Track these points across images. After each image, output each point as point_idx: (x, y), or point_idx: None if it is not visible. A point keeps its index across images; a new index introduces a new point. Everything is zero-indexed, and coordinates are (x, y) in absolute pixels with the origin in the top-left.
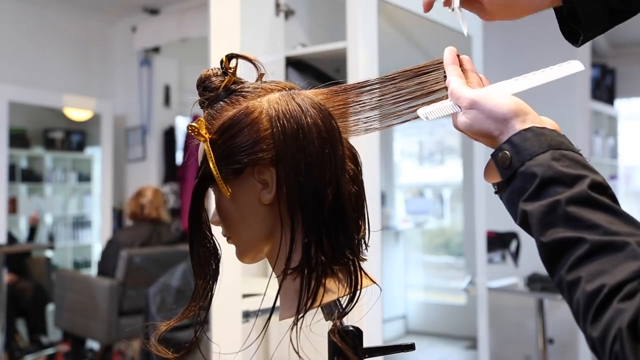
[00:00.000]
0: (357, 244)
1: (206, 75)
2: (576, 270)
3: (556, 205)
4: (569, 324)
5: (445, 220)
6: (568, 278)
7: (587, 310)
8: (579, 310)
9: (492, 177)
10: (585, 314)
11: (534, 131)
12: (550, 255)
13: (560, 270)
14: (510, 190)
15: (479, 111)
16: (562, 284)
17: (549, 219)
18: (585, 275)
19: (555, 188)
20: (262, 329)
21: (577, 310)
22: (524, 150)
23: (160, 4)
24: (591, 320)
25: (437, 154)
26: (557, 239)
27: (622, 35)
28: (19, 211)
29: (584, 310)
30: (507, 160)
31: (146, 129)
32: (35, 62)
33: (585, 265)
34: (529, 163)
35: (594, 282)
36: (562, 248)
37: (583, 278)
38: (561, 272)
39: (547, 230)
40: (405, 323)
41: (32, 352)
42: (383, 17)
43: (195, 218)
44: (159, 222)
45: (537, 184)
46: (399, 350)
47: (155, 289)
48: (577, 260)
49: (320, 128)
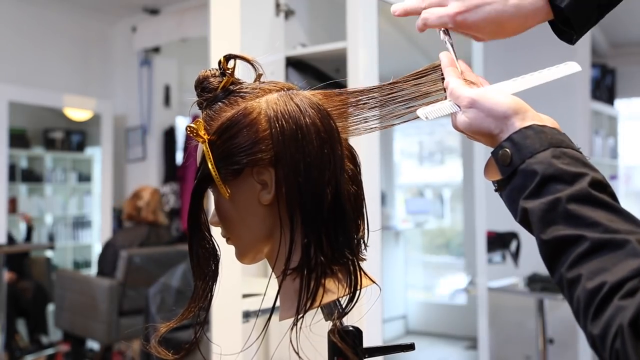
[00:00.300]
0: (356, 243)
1: (204, 76)
2: (577, 268)
3: (557, 202)
4: (569, 324)
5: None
6: (568, 276)
7: (587, 308)
8: (580, 307)
9: (492, 175)
10: (586, 312)
11: (534, 129)
12: (551, 253)
13: (561, 268)
14: (510, 188)
15: (479, 110)
16: (563, 281)
17: (550, 217)
18: (586, 273)
19: (556, 186)
20: (262, 329)
21: (578, 308)
22: (524, 148)
23: (160, 4)
24: (592, 317)
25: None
26: (558, 236)
27: (622, 35)
28: (19, 211)
29: (585, 308)
30: (508, 157)
31: (146, 129)
32: (35, 62)
33: (585, 262)
34: (530, 161)
35: (595, 280)
36: (563, 246)
37: (583, 276)
38: (561, 270)
39: (548, 228)
40: (405, 323)
41: (32, 352)
42: (383, 17)
43: (195, 219)
44: (157, 225)
45: (538, 181)
46: (399, 350)
47: (155, 289)
48: (578, 258)
49: (319, 128)
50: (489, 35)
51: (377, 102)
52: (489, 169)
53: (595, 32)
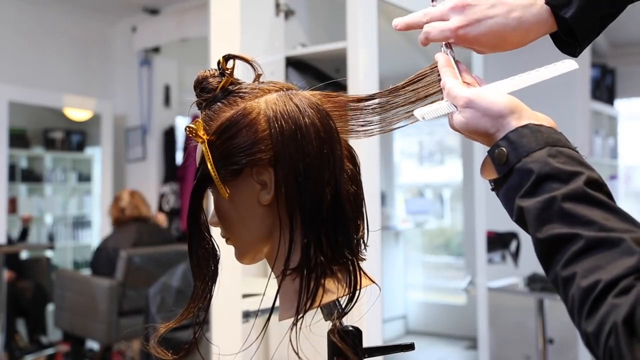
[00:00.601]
0: (356, 243)
1: (203, 76)
2: (571, 266)
3: (552, 201)
4: (569, 324)
5: (445, 220)
6: (563, 274)
7: (582, 306)
8: (574, 306)
9: (488, 174)
10: (580, 310)
11: (530, 128)
12: (546, 252)
13: (556, 267)
14: (506, 186)
15: (475, 109)
16: (558, 280)
17: (545, 215)
18: (581, 271)
19: (552, 184)
20: (262, 329)
21: (572, 306)
22: (520, 146)
23: (160, 4)
24: (586, 315)
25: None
26: (553, 235)
27: (622, 35)
28: (19, 211)
29: (579, 306)
30: (504, 156)
31: (146, 129)
32: (35, 62)
33: (580, 261)
34: (526, 159)
35: (589, 278)
36: (558, 244)
37: (578, 274)
38: (556, 268)
39: (543, 227)
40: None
41: (32, 352)
42: (383, 17)
43: (194, 219)
44: (143, 220)
45: (533, 180)
46: (399, 350)
47: (155, 289)
48: (573, 256)
49: (319, 128)
50: (491, 49)
51: (378, 106)
52: (486, 168)
53: None
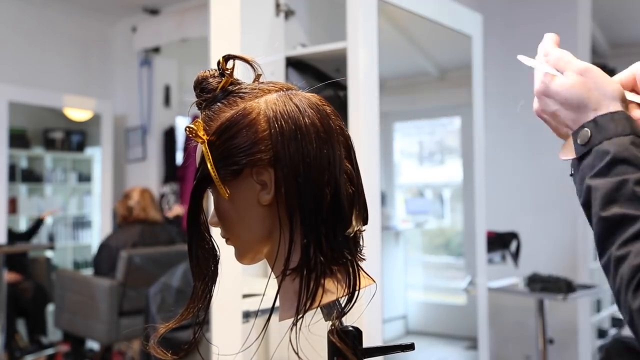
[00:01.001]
0: (355, 243)
1: (203, 76)
2: (628, 246)
3: (624, 183)
4: (569, 324)
5: (445, 220)
6: (618, 253)
7: (629, 282)
8: (622, 284)
9: (566, 154)
10: (628, 286)
11: (623, 114)
12: (606, 231)
13: (611, 247)
14: (582, 167)
15: (589, 79)
16: (610, 260)
17: (613, 196)
18: (635, 250)
19: (626, 168)
20: (262, 329)
21: (620, 285)
22: (606, 130)
23: (160, 4)
24: (633, 291)
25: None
26: (617, 214)
27: (622, 35)
28: (19, 211)
29: (627, 283)
30: (587, 137)
31: (146, 129)
32: (35, 62)
33: (637, 242)
34: (606, 142)
35: None
36: (620, 224)
37: (632, 252)
38: (612, 248)
39: (609, 206)
40: (405, 323)
41: (32, 352)
42: (383, 17)
43: (194, 219)
44: (149, 222)
45: (608, 160)
46: (399, 350)
47: (155, 289)
48: (631, 237)
49: (318, 128)
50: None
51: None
52: (566, 148)
53: (595, 32)
